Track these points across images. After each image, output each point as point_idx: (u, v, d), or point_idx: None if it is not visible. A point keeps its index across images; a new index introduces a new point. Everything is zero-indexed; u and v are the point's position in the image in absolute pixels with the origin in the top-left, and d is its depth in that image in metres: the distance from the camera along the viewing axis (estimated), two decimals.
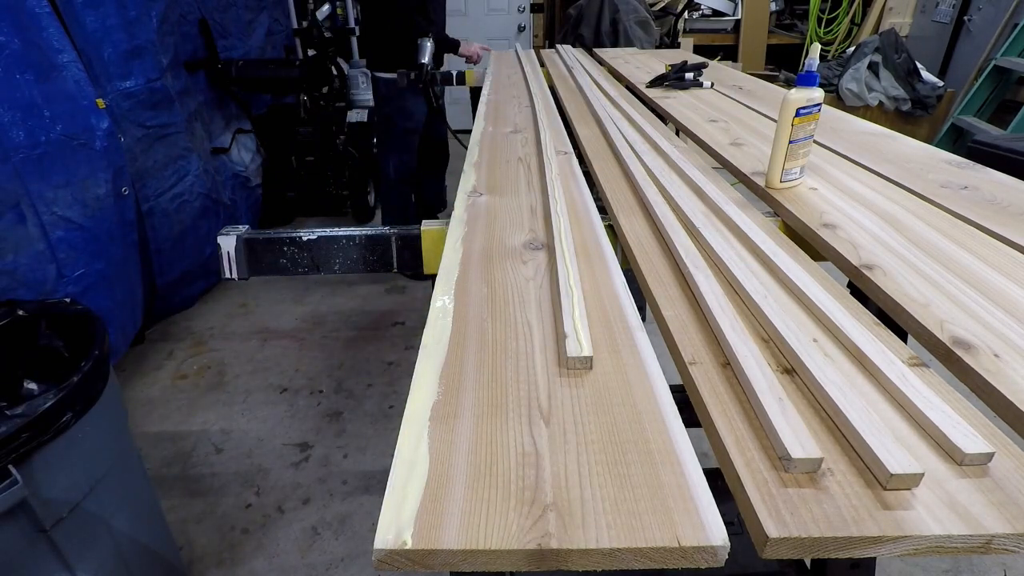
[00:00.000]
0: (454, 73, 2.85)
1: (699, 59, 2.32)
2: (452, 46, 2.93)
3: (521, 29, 5.35)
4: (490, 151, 1.32)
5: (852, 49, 4.71)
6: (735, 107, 1.68)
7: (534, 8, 5.28)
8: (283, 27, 3.92)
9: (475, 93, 2.76)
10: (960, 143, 4.16)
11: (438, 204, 3.54)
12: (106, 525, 1.22)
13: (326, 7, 3.74)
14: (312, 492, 1.92)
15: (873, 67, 4.46)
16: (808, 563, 1.21)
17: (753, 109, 1.65)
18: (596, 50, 2.93)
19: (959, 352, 0.61)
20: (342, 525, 1.80)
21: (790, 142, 1.01)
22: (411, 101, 2.88)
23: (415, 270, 1.09)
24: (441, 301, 0.73)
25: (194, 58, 2.91)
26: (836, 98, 4.53)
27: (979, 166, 1.15)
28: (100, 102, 2.13)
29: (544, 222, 0.95)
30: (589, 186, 1.11)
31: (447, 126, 3.34)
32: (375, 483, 1.95)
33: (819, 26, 5.42)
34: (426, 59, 2.67)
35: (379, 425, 2.19)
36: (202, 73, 3.00)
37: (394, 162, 3.02)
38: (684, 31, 4.94)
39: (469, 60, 3.04)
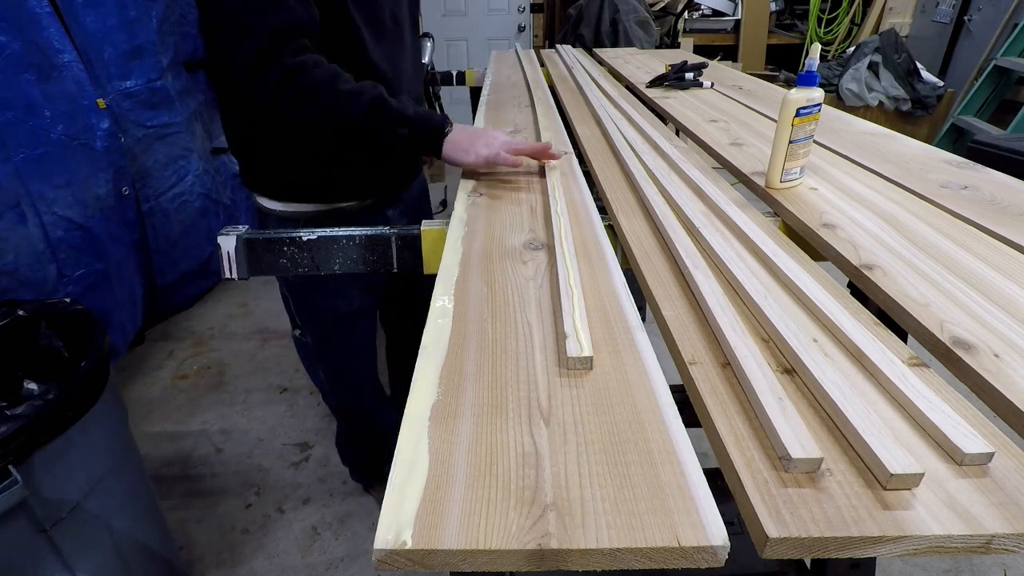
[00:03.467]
0: (454, 73, 2.85)
1: (699, 59, 2.32)
2: (417, 131, 1.12)
3: (521, 29, 5.35)
4: None
5: (852, 49, 4.70)
6: (735, 107, 1.68)
7: (534, 8, 5.27)
8: None
9: (475, 93, 2.75)
10: (960, 143, 4.16)
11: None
12: (106, 525, 1.22)
13: None
14: (312, 492, 1.91)
15: (873, 67, 4.46)
16: (808, 563, 1.21)
17: (753, 109, 1.65)
18: (596, 50, 2.93)
19: (959, 352, 0.61)
20: (342, 525, 1.80)
21: (790, 142, 1.01)
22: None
23: (415, 270, 1.09)
24: (441, 301, 0.73)
25: (194, 58, 2.91)
26: (836, 98, 4.53)
27: (979, 166, 1.15)
28: (100, 102, 2.13)
29: (544, 222, 0.95)
30: (589, 186, 1.11)
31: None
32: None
33: (819, 26, 5.42)
34: (427, 58, 2.40)
35: None
36: (202, 73, 2.99)
37: (335, 379, 1.54)
38: (684, 31, 4.94)
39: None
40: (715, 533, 0.43)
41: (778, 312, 0.68)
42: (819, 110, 1.00)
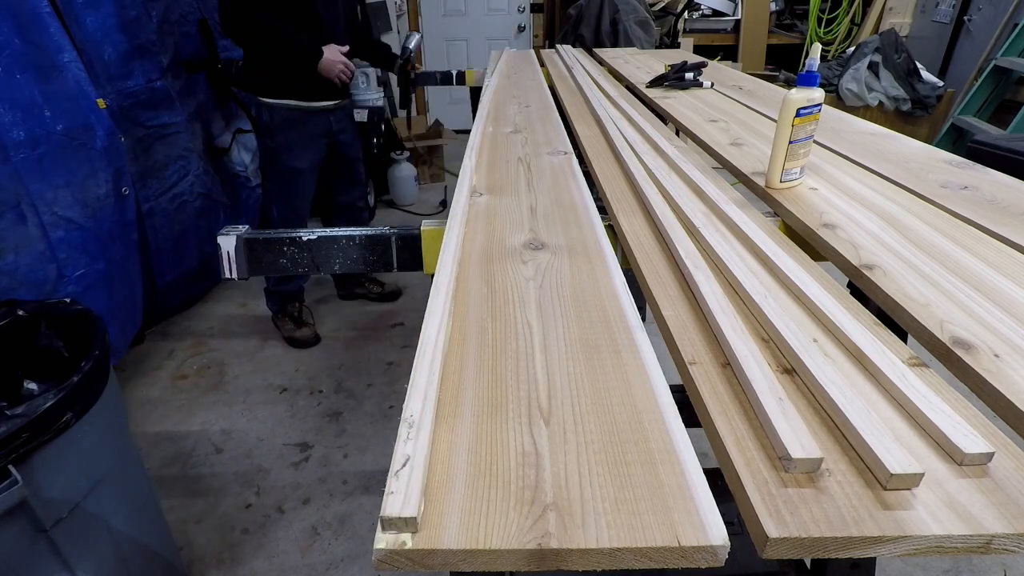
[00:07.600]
0: (454, 73, 2.85)
1: (699, 59, 2.32)
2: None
3: (521, 29, 5.35)
4: (490, 151, 1.32)
5: (852, 49, 4.70)
6: (735, 107, 1.68)
7: (534, 8, 5.28)
8: None
9: (475, 93, 2.75)
10: (960, 143, 4.16)
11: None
12: (106, 525, 1.22)
13: None
14: (312, 492, 1.91)
15: (873, 67, 4.46)
16: (808, 563, 1.21)
17: (753, 109, 1.65)
18: (596, 50, 2.93)
19: (959, 352, 0.61)
20: (342, 525, 1.80)
21: (790, 142, 1.01)
22: (304, 133, 2.39)
23: (414, 270, 1.09)
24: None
25: (194, 58, 2.91)
26: (836, 98, 4.53)
27: (979, 166, 1.15)
28: (100, 102, 2.13)
29: (544, 222, 0.95)
30: (589, 186, 1.11)
31: (364, 145, 2.78)
32: (375, 483, 1.95)
33: (819, 26, 5.42)
34: (412, 44, 2.58)
35: (379, 425, 2.19)
36: (202, 73, 2.99)
37: (278, 208, 2.49)
38: (684, 31, 4.93)
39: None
40: (715, 533, 0.43)
41: (778, 312, 0.68)
42: (819, 110, 1.00)
